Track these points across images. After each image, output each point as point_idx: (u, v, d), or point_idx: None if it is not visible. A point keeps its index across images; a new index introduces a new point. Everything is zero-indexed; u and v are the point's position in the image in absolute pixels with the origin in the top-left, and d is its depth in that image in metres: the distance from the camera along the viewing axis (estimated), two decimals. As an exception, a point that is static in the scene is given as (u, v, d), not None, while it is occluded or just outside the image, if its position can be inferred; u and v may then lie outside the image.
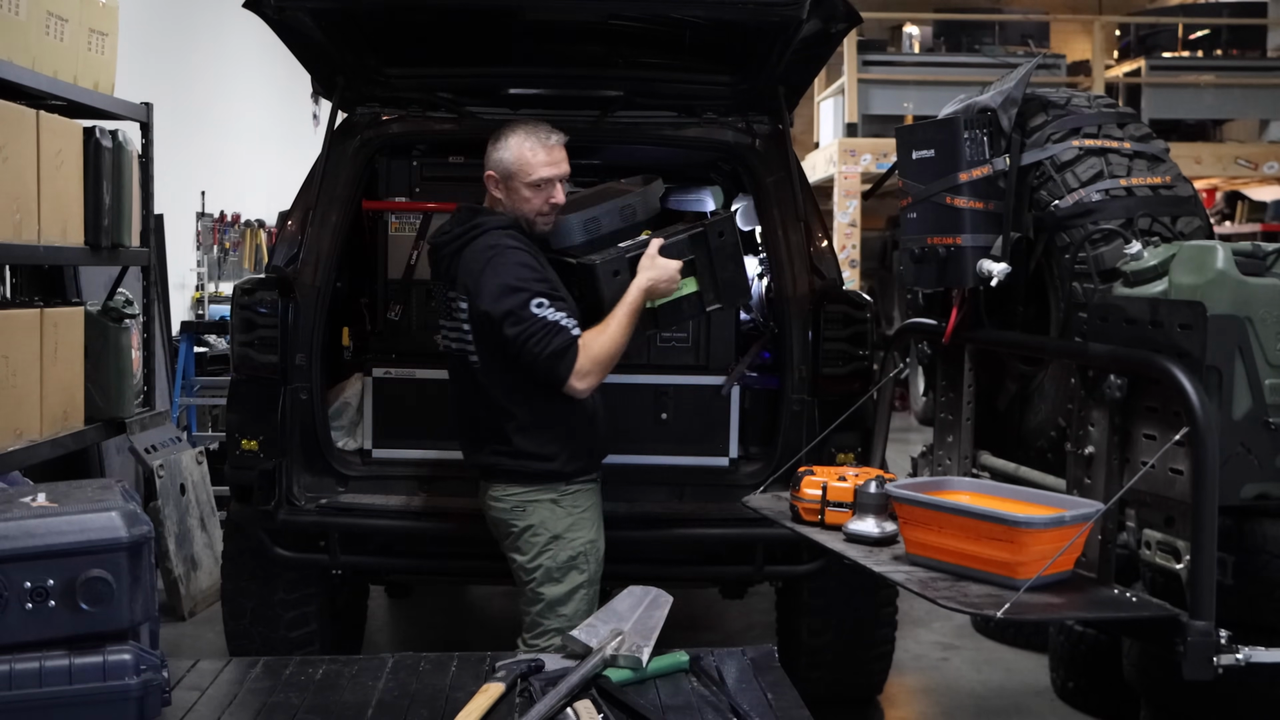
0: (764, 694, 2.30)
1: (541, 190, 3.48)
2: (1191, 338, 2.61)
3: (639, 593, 2.60)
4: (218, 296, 9.67)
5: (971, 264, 3.17)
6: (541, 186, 3.48)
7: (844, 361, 4.15)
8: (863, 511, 3.10)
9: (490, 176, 3.52)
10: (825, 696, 4.33)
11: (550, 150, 3.49)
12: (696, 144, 4.54)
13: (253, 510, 4.01)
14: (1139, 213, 3.05)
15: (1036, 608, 2.62)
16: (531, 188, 3.48)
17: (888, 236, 13.24)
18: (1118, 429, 2.80)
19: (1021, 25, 12.67)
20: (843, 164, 11.65)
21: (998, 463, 3.47)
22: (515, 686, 2.26)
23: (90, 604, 1.89)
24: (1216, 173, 12.06)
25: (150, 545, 1.96)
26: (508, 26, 4.22)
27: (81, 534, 1.90)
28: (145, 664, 1.90)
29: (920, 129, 3.35)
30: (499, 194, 3.51)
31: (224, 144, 10.51)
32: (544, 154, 3.48)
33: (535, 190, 3.48)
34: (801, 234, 4.27)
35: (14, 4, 4.12)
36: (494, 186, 3.52)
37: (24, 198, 4.06)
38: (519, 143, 3.48)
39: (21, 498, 2.01)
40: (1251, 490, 2.69)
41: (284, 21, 3.80)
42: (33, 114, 4.15)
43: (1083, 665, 4.65)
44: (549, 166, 3.48)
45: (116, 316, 4.82)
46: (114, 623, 1.91)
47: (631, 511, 4.10)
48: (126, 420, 4.96)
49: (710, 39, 4.28)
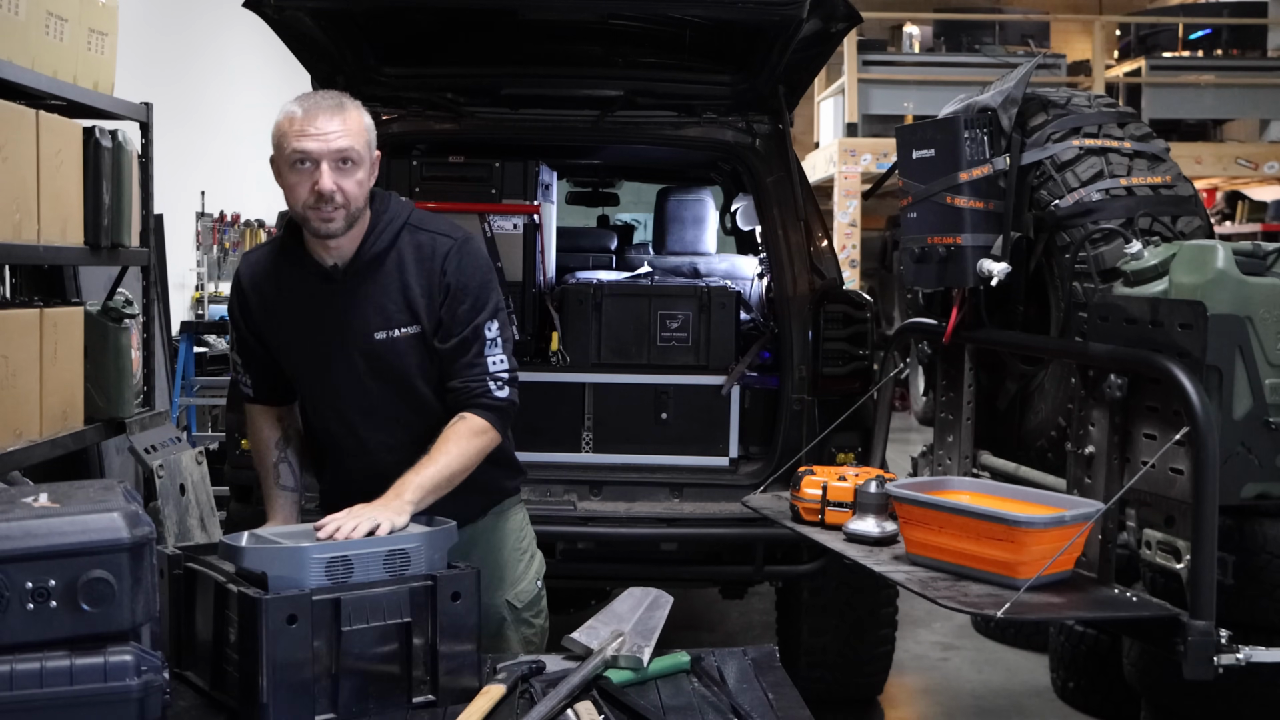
0: (765, 694, 2.29)
1: (303, 172, 2.51)
2: (1192, 337, 2.61)
3: (639, 594, 2.60)
4: (218, 296, 9.66)
5: (972, 263, 3.17)
6: (301, 166, 2.51)
7: (844, 361, 4.15)
8: (863, 511, 3.10)
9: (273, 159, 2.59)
10: (825, 696, 4.34)
11: (312, 117, 2.50)
12: (696, 144, 4.54)
13: (253, 510, 4.01)
14: (1139, 212, 3.05)
15: (1036, 608, 2.62)
16: (290, 169, 2.53)
17: (888, 236, 13.22)
18: (1118, 429, 2.80)
19: (1021, 25, 12.66)
20: (843, 164, 11.65)
21: (998, 463, 3.46)
22: (516, 688, 2.26)
23: (91, 605, 1.89)
24: (1217, 173, 12.05)
25: (152, 546, 1.96)
26: (507, 26, 4.22)
27: (83, 535, 1.89)
28: (146, 665, 1.90)
29: (920, 129, 3.35)
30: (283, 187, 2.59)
31: (224, 144, 10.50)
32: (302, 121, 2.49)
33: (295, 172, 2.52)
34: (801, 234, 4.27)
35: (14, 4, 4.12)
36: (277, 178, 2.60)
37: (23, 198, 4.06)
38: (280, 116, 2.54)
39: (23, 498, 2.01)
40: (1252, 490, 2.69)
41: (284, 21, 3.80)
42: (32, 114, 4.14)
43: (1083, 665, 4.65)
44: (308, 139, 2.49)
45: (116, 316, 4.81)
46: (115, 624, 1.91)
47: (631, 511, 4.11)
48: (126, 420, 4.95)
49: (710, 39, 4.28)
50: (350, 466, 2.75)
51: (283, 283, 2.69)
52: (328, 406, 2.74)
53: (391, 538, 2.29)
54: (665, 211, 5.94)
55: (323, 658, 2.13)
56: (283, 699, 2.08)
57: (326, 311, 2.65)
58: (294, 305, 2.67)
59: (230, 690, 2.17)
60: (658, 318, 4.33)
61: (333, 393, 2.71)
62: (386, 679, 2.20)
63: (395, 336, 2.65)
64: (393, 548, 2.25)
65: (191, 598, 2.31)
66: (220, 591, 2.20)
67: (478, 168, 4.57)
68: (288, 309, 2.68)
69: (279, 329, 2.71)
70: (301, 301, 2.66)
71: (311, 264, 2.64)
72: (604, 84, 4.43)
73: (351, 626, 2.15)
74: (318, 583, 2.15)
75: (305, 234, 2.61)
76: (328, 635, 2.13)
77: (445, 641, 2.23)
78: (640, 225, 9.26)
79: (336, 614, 2.14)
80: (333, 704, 2.14)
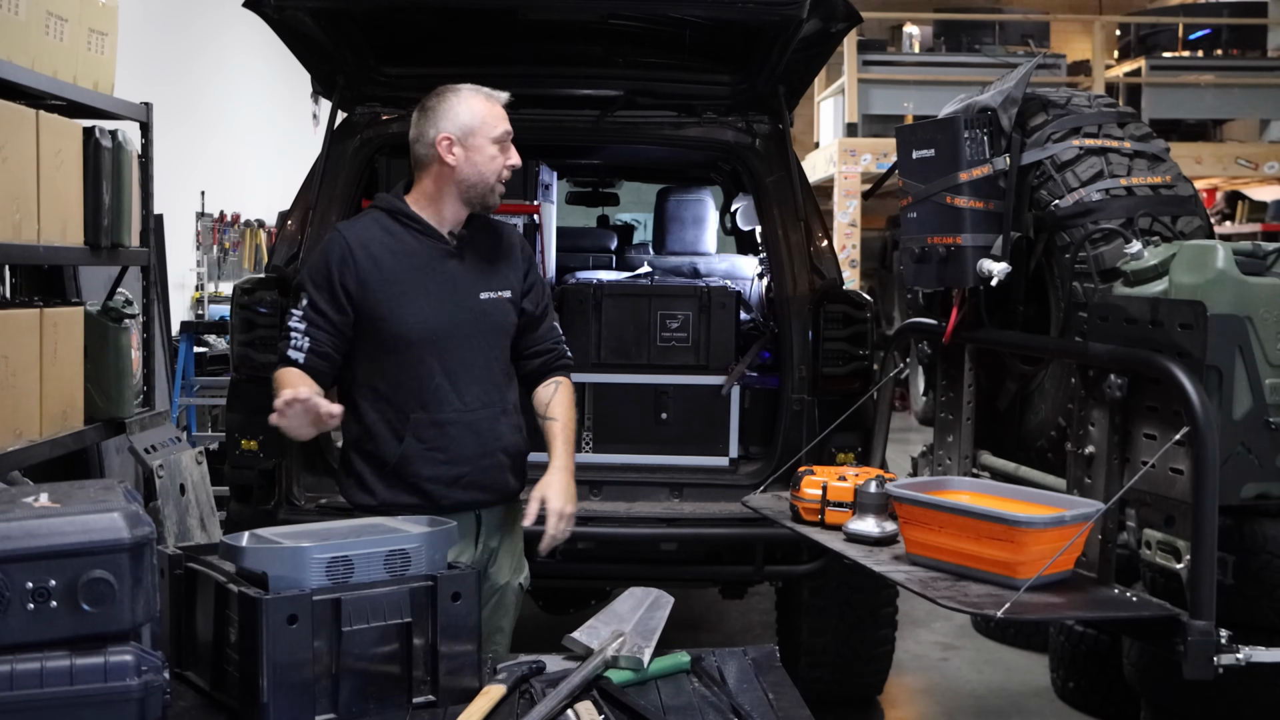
0: (765, 694, 2.29)
1: (504, 149, 3.00)
2: (1192, 337, 2.61)
3: (640, 594, 2.60)
4: (218, 296, 9.67)
5: (972, 263, 3.17)
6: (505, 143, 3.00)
7: (844, 361, 4.15)
8: (863, 511, 3.10)
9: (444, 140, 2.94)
10: (825, 696, 4.34)
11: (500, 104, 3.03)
12: (696, 144, 4.54)
13: (253, 510, 4.01)
14: (1139, 212, 3.05)
15: (1036, 608, 2.62)
16: (493, 144, 2.98)
17: (888, 236, 13.23)
18: (1118, 428, 2.80)
19: (1021, 25, 12.66)
20: (843, 164, 11.65)
21: (998, 463, 3.47)
22: (516, 688, 2.26)
23: (92, 605, 1.89)
24: (1217, 173, 12.05)
25: (152, 546, 1.96)
26: (507, 26, 4.22)
27: (84, 535, 1.89)
28: (146, 665, 1.90)
29: (920, 129, 3.35)
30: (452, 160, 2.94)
31: (224, 144, 10.51)
32: (499, 105, 3.01)
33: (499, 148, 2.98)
34: (801, 233, 4.27)
35: (14, 4, 4.12)
36: (447, 152, 2.94)
37: (23, 198, 4.06)
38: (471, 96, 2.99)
39: (24, 498, 2.01)
40: (1252, 490, 2.69)
41: (284, 21, 3.80)
42: (32, 114, 4.15)
43: (1083, 665, 4.65)
44: (507, 122, 3.01)
45: (116, 316, 4.81)
46: (115, 624, 1.91)
47: (631, 511, 4.11)
48: (126, 420, 4.95)
49: (710, 39, 4.28)
50: (448, 421, 2.98)
51: (398, 248, 2.98)
52: (435, 360, 2.98)
53: (391, 538, 2.30)
54: (665, 211, 5.94)
55: (323, 658, 2.12)
56: (283, 699, 2.08)
57: (442, 273, 2.99)
58: (412, 267, 2.97)
59: (230, 690, 2.17)
60: (658, 318, 4.33)
61: (442, 348, 2.98)
62: (387, 679, 2.20)
63: (495, 298, 3.04)
64: (393, 548, 2.26)
65: (192, 598, 2.31)
66: (221, 591, 2.20)
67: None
68: (405, 271, 2.96)
69: (393, 287, 2.95)
70: (420, 264, 2.98)
71: (432, 231, 3.00)
72: (604, 84, 4.43)
73: (352, 626, 2.14)
74: (318, 583, 2.15)
75: (417, 207, 2.99)
76: (328, 635, 2.13)
77: (445, 642, 2.23)
78: (640, 225, 9.26)
79: (337, 614, 2.13)
80: (333, 704, 2.13)
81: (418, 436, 2.96)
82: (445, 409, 2.98)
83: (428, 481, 2.96)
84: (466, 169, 2.94)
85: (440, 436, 2.97)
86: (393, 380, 2.98)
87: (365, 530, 2.37)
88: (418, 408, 2.97)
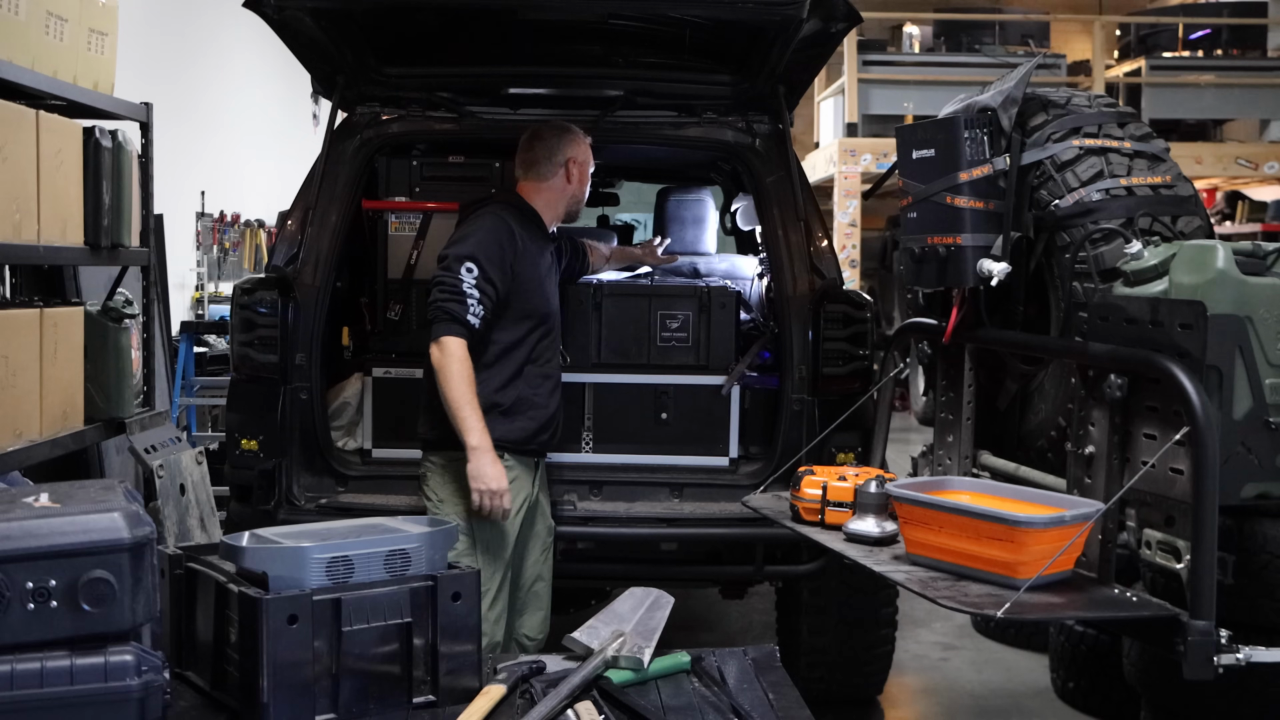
0: (765, 694, 2.30)
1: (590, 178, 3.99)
2: (1192, 337, 2.61)
3: (640, 594, 2.60)
4: (218, 296, 9.66)
5: (972, 263, 3.17)
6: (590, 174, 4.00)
7: (844, 361, 4.15)
8: (863, 511, 3.11)
9: (572, 161, 3.83)
10: (825, 696, 4.34)
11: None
12: (696, 144, 4.54)
13: (253, 510, 4.01)
14: (1139, 212, 3.05)
15: (1036, 608, 2.62)
16: (586, 174, 3.96)
17: (888, 236, 13.23)
18: (1118, 429, 2.80)
19: (1021, 25, 12.66)
20: (843, 164, 11.65)
21: (998, 463, 3.47)
22: (516, 688, 2.26)
23: (92, 605, 1.89)
24: (1217, 173, 12.06)
25: (153, 546, 1.96)
26: (507, 26, 4.22)
27: (84, 534, 1.89)
28: (147, 665, 1.90)
29: (920, 129, 3.35)
30: (570, 182, 3.85)
31: (224, 144, 10.50)
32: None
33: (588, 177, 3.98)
34: (801, 234, 4.27)
35: (14, 4, 4.12)
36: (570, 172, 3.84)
37: (23, 197, 4.06)
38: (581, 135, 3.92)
39: (24, 498, 2.01)
40: (1252, 490, 2.69)
41: (284, 21, 3.80)
42: (32, 114, 4.14)
43: (1083, 665, 4.65)
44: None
45: (116, 316, 4.81)
46: (116, 623, 1.91)
47: (631, 511, 4.11)
48: (126, 420, 4.95)
49: (710, 39, 4.28)
50: (556, 387, 3.83)
51: (527, 238, 3.74)
52: (554, 330, 3.84)
53: (391, 537, 2.30)
54: (665, 211, 5.94)
55: (323, 658, 2.13)
56: (283, 699, 2.08)
57: (547, 262, 3.83)
58: (538, 253, 3.78)
59: (231, 690, 2.17)
60: (658, 318, 4.33)
61: (555, 318, 3.85)
62: (387, 679, 2.20)
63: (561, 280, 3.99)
64: (393, 548, 2.26)
65: (192, 598, 2.31)
66: (221, 591, 2.20)
67: (478, 168, 4.58)
68: (533, 255, 3.75)
69: (533, 270, 3.73)
70: (538, 253, 3.78)
71: (544, 229, 3.86)
72: (604, 84, 4.44)
73: (352, 626, 2.15)
74: (318, 583, 2.16)
75: (538, 208, 3.83)
76: (328, 635, 2.13)
77: (446, 642, 2.23)
78: (640, 225, 9.26)
79: (337, 614, 2.14)
80: (333, 704, 2.14)
81: (543, 399, 3.73)
82: (557, 376, 3.81)
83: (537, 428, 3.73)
84: (578, 188, 3.89)
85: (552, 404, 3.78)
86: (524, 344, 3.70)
87: (365, 530, 2.37)
88: (547, 374, 3.76)
